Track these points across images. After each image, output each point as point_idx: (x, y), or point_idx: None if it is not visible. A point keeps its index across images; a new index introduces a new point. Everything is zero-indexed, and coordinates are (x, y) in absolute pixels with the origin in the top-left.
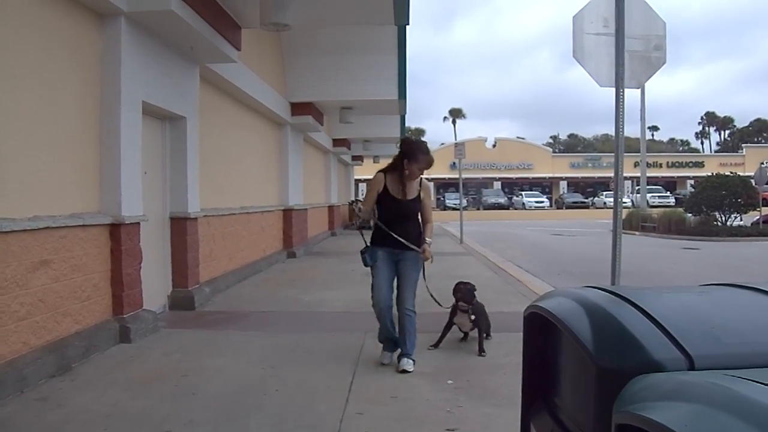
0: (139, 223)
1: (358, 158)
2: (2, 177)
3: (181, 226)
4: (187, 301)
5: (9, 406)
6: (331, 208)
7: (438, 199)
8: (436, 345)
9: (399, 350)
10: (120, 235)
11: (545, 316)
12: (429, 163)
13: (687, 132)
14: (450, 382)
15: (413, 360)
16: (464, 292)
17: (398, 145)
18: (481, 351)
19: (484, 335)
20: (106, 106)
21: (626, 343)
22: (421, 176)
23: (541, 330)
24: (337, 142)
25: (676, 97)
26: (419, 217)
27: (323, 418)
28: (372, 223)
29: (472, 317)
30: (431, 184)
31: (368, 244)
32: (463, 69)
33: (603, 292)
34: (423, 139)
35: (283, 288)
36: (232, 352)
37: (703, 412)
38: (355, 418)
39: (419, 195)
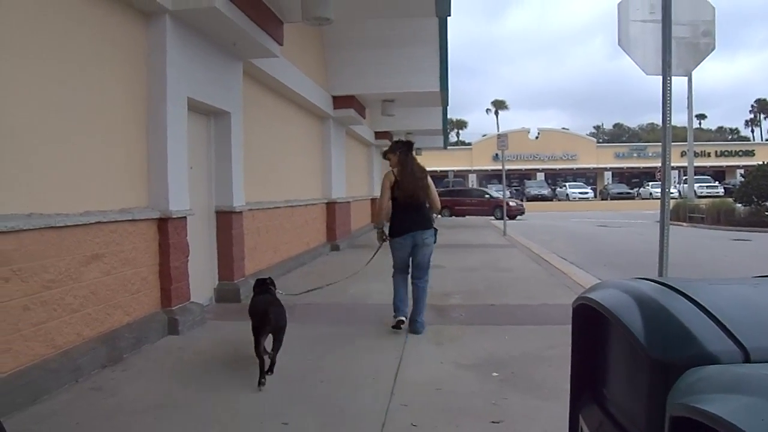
0: (186, 218)
1: None
2: (56, 173)
3: (226, 220)
4: (232, 293)
5: (65, 394)
6: (373, 201)
7: None
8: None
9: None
10: (168, 230)
11: (595, 308)
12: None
13: (739, 120)
14: (495, 374)
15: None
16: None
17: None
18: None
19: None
20: (153, 102)
21: (680, 336)
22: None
23: (590, 321)
24: (379, 135)
25: (735, 82)
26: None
27: (368, 409)
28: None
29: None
30: (386, 173)
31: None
32: (513, 58)
33: (654, 283)
34: (464, 131)
35: (327, 280)
36: None
37: (764, 405)
38: (400, 410)
39: None
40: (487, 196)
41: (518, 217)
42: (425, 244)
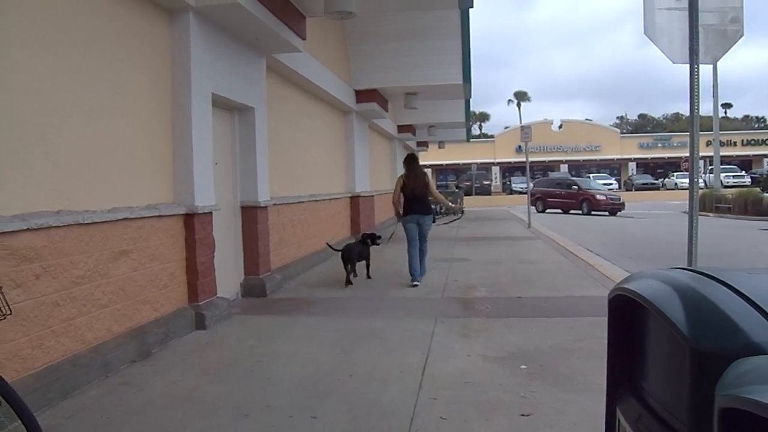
0: (211, 213)
1: (423, 144)
2: (83, 170)
3: (251, 215)
4: (258, 288)
5: (95, 389)
6: None
7: (504, 183)
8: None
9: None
10: (194, 225)
11: (632, 298)
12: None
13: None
14: (523, 367)
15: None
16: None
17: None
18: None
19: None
20: (178, 99)
21: (723, 326)
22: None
23: (627, 312)
24: (402, 128)
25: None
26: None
27: (397, 403)
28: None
29: None
30: (399, 177)
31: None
32: (541, 48)
33: (693, 273)
34: (487, 123)
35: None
36: (305, 337)
37: None
38: (428, 404)
39: None
40: (574, 187)
41: (618, 214)
42: (425, 224)
